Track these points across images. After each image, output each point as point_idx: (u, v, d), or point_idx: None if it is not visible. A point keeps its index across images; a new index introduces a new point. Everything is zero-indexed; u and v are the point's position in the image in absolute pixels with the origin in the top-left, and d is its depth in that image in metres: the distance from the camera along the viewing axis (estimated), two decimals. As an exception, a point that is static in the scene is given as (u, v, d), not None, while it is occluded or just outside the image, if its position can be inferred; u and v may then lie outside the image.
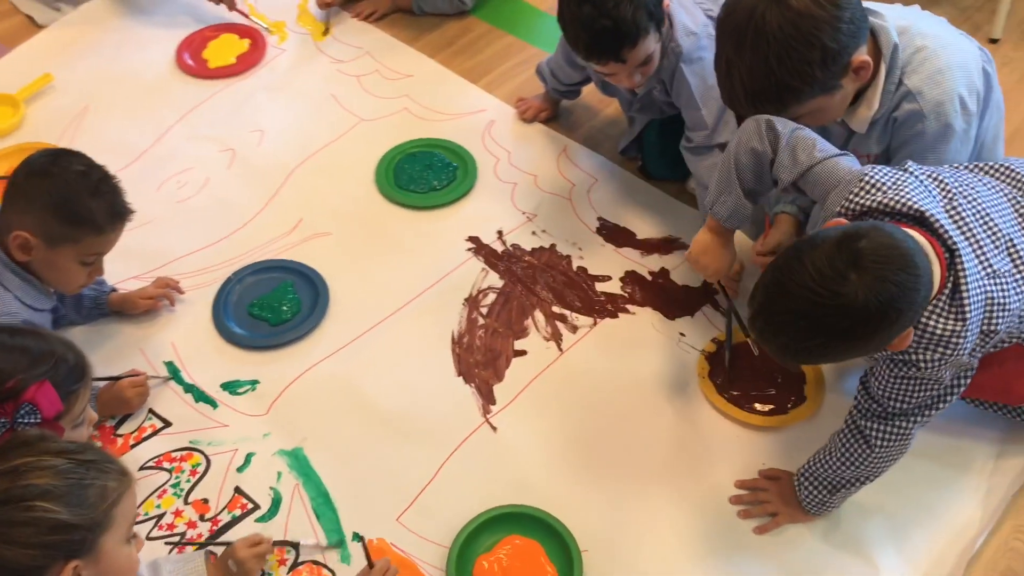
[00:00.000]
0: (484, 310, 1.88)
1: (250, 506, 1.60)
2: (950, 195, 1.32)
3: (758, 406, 1.70)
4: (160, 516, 1.58)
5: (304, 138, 2.24)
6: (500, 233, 2.02)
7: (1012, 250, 1.32)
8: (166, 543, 1.55)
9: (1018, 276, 1.31)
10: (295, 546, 1.54)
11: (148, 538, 1.55)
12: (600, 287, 1.91)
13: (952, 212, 1.30)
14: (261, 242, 2.01)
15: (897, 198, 1.29)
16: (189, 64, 2.43)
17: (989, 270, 1.28)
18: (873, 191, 1.31)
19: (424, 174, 2.13)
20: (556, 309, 1.87)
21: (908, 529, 1.54)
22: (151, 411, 1.73)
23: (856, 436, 1.44)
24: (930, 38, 1.48)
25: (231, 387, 1.77)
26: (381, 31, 2.54)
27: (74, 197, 1.55)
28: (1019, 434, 1.63)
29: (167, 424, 1.71)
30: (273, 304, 1.88)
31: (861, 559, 1.51)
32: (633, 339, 1.82)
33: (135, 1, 2.61)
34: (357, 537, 1.55)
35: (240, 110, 2.32)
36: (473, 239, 2.01)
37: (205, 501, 1.60)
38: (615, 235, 2.01)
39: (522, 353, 1.81)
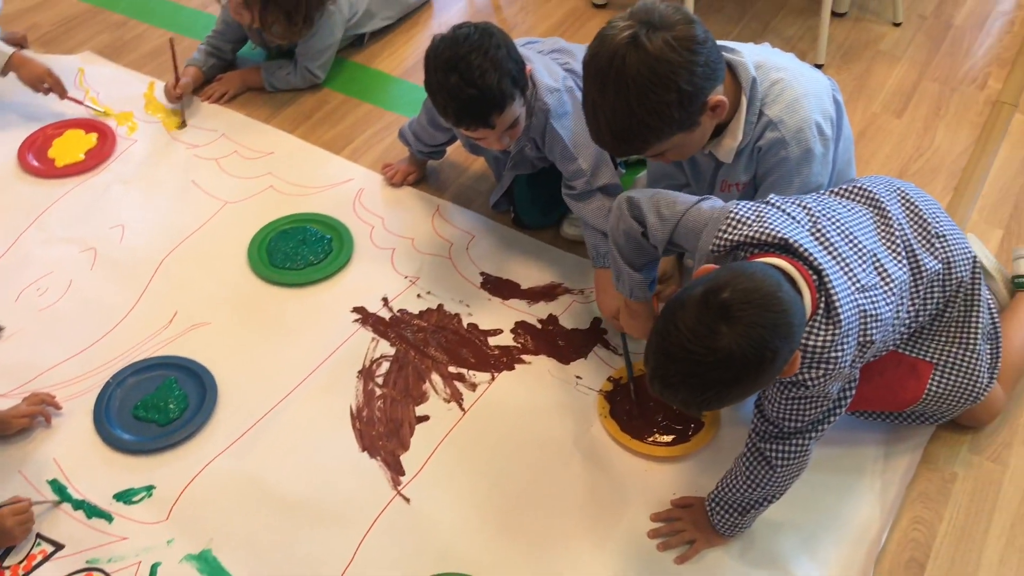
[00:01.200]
0: (380, 380, 1.86)
1: (163, 620, 1.52)
2: (815, 218, 1.40)
3: (661, 437, 1.74)
4: (64, 647, 1.49)
5: (169, 228, 2.18)
6: (385, 300, 2.01)
7: (877, 265, 1.41)
8: (75, 675, 1.45)
9: (886, 288, 1.40)
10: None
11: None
12: (493, 341, 1.92)
13: (817, 234, 1.38)
14: (137, 340, 1.93)
15: (761, 229, 1.36)
16: (34, 165, 2.33)
17: (858, 285, 1.36)
18: (739, 225, 1.38)
19: (299, 250, 2.11)
20: (452, 369, 1.87)
21: (817, 536, 1.60)
22: (39, 536, 1.62)
23: (758, 458, 1.50)
24: (784, 71, 1.58)
25: (125, 497, 1.68)
26: (235, 111, 2.50)
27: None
28: (901, 433, 1.73)
29: (59, 547, 1.61)
30: (159, 404, 1.81)
31: (779, 572, 1.57)
32: (532, 388, 1.84)
33: (-36, 105, 2.50)
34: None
35: (96, 207, 2.23)
36: (358, 309, 1.99)
37: (113, 623, 1.52)
38: (500, 288, 2.03)
39: (425, 419, 1.79)
